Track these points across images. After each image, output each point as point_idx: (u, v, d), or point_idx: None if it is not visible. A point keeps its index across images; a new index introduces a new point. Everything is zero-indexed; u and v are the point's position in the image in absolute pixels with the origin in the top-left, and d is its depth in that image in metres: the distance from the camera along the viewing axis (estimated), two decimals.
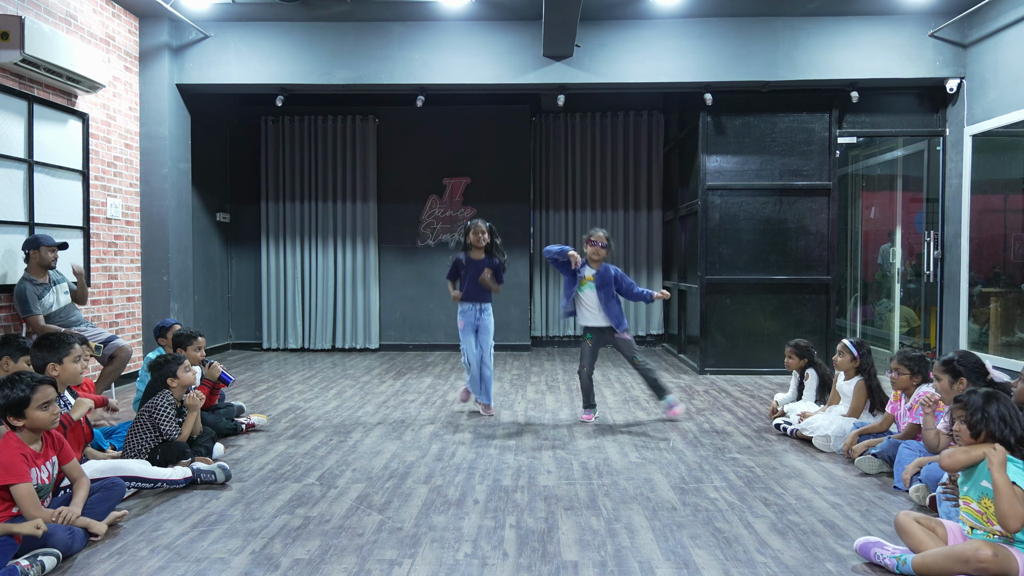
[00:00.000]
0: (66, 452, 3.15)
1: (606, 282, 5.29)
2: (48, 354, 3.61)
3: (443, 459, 4.30)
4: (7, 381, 3.00)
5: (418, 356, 8.86)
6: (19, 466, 2.89)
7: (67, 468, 3.15)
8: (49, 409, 3.01)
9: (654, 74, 7.15)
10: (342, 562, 2.84)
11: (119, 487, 3.30)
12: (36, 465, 2.99)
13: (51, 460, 3.08)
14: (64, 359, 3.63)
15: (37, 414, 2.97)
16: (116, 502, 3.26)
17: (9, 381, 3.00)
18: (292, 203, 9.30)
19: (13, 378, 3.02)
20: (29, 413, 2.96)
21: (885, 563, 2.75)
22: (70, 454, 3.17)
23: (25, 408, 2.96)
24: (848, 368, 4.66)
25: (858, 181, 9.62)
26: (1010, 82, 6.27)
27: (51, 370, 3.58)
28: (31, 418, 2.97)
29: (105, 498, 3.19)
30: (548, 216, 9.63)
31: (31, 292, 5.08)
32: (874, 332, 9.29)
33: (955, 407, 2.89)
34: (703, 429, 5.07)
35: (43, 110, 5.76)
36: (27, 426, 2.98)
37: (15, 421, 2.97)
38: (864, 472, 4.03)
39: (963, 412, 2.83)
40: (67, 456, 3.15)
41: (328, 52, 7.22)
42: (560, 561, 2.86)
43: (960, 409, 2.85)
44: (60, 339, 3.71)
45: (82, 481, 3.15)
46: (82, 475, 3.18)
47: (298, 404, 5.91)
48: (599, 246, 5.30)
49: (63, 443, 3.15)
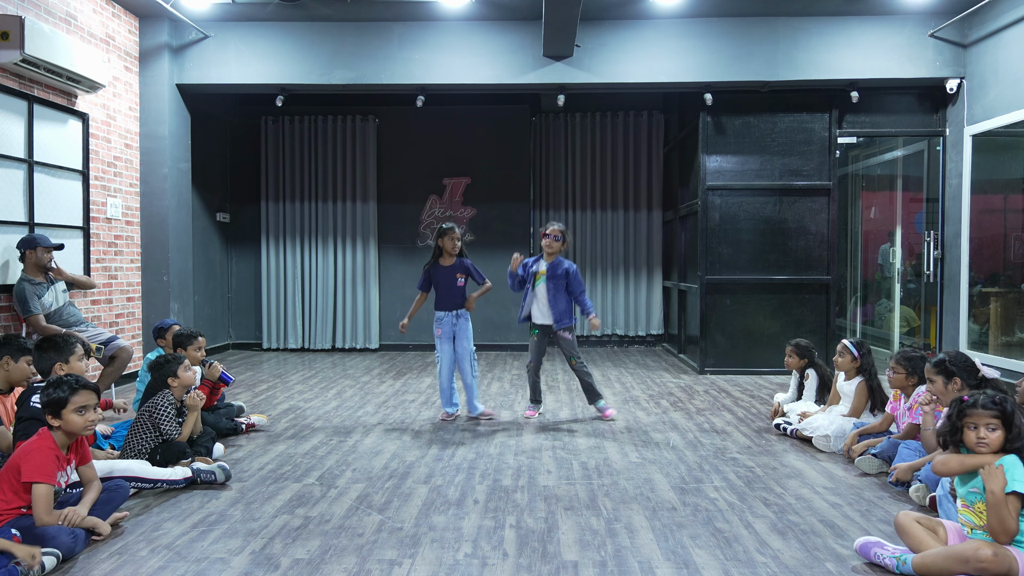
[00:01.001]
0: (84, 453, 3.17)
1: (556, 274, 5.27)
2: (55, 354, 3.63)
3: (443, 459, 4.30)
4: (54, 381, 3.06)
5: (418, 356, 8.86)
6: (49, 466, 2.92)
7: (82, 470, 3.17)
8: (84, 415, 3.04)
9: (654, 74, 7.15)
10: (342, 562, 2.84)
11: (123, 488, 3.31)
12: (62, 468, 3.02)
13: (71, 464, 3.10)
14: (70, 358, 3.66)
15: (72, 417, 3.00)
16: (120, 503, 3.27)
17: (55, 381, 3.05)
18: (292, 203, 9.30)
19: (59, 379, 3.07)
20: (65, 415, 2.99)
21: (885, 563, 2.75)
22: (88, 456, 3.20)
23: (62, 409, 2.99)
24: (849, 368, 4.66)
25: (858, 181, 9.62)
26: (1010, 82, 6.27)
27: (58, 370, 3.60)
28: (66, 420, 3.00)
29: (108, 499, 3.20)
30: (548, 216, 9.63)
31: (30, 292, 5.08)
32: (874, 332, 9.29)
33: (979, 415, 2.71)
34: (703, 429, 5.07)
35: (43, 110, 5.76)
36: (62, 428, 3.01)
37: (53, 421, 3.00)
38: (864, 472, 4.03)
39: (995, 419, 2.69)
40: (85, 458, 3.17)
41: (328, 52, 7.22)
42: (560, 561, 2.86)
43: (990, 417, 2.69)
44: (65, 338, 3.74)
45: (95, 484, 3.16)
46: (95, 478, 3.20)
47: (298, 404, 5.91)
48: (551, 239, 5.28)
49: (84, 446, 3.17)
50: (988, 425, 2.70)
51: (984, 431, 2.70)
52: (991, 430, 2.70)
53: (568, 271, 5.31)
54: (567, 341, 5.35)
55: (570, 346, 5.35)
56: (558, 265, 5.30)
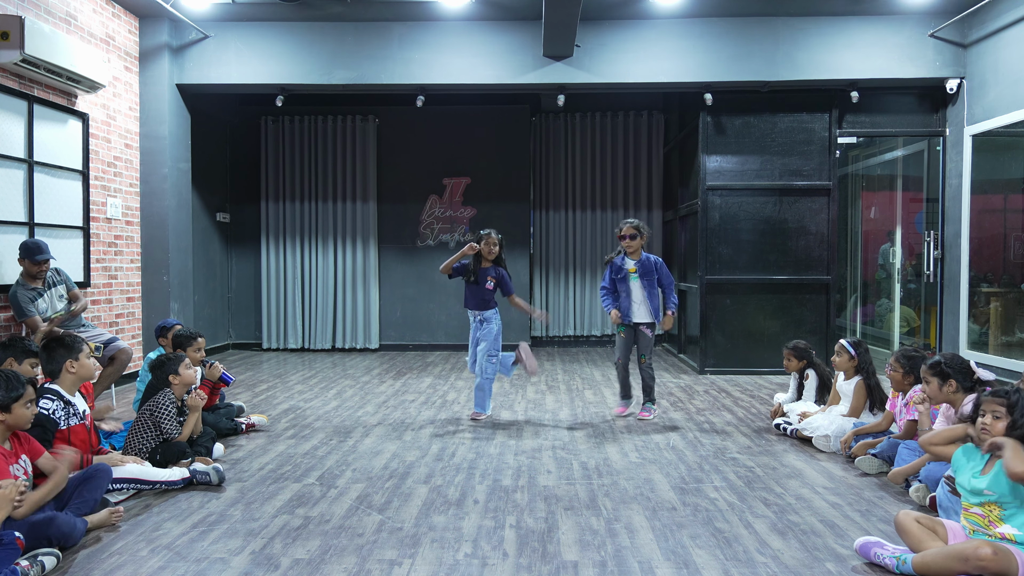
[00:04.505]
0: (34, 448, 3.13)
1: (647, 269, 5.29)
2: (66, 352, 3.63)
3: (443, 459, 4.30)
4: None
5: (418, 356, 8.86)
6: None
7: (40, 463, 3.12)
8: (31, 408, 3.05)
9: (654, 74, 7.15)
10: (342, 562, 2.84)
11: (104, 470, 3.28)
12: (12, 463, 2.98)
13: (22, 458, 3.06)
14: (80, 356, 3.66)
15: (22, 411, 2.99)
16: (105, 483, 3.25)
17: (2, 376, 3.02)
18: (292, 203, 9.30)
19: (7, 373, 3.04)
20: (16, 409, 2.97)
21: (885, 563, 2.75)
22: (39, 450, 3.15)
23: (13, 404, 2.96)
24: (847, 368, 4.66)
25: (858, 181, 9.62)
26: (1010, 82, 6.27)
27: (69, 367, 3.60)
28: (16, 414, 2.98)
29: (95, 487, 3.18)
30: (548, 216, 9.64)
31: (23, 296, 5.06)
32: (874, 332, 9.29)
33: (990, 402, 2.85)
34: (703, 429, 5.07)
35: (43, 110, 5.76)
36: (8, 422, 2.98)
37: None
38: (864, 472, 4.03)
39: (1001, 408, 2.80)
40: (36, 452, 3.13)
41: (328, 52, 7.23)
42: (560, 561, 2.86)
43: (998, 405, 2.81)
44: (73, 337, 3.75)
45: (58, 469, 3.11)
46: (56, 466, 3.14)
47: (298, 404, 5.91)
48: (628, 238, 5.31)
49: (30, 440, 3.14)
50: (994, 412, 2.82)
51: (989, 417, 2.82)
52: (995, 417, 2.81)
53: (657, 264, 5.34)
54: (647, 338, 5.35)
55: (648, 344, 5.36)
56: (647, 260, 5.32)
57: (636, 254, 5.35)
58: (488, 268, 5.31)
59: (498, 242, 5.32)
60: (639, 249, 5.35)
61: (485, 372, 5.32)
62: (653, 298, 5.32)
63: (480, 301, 5.30)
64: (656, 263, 5.34)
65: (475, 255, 5.32)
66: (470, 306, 5.35)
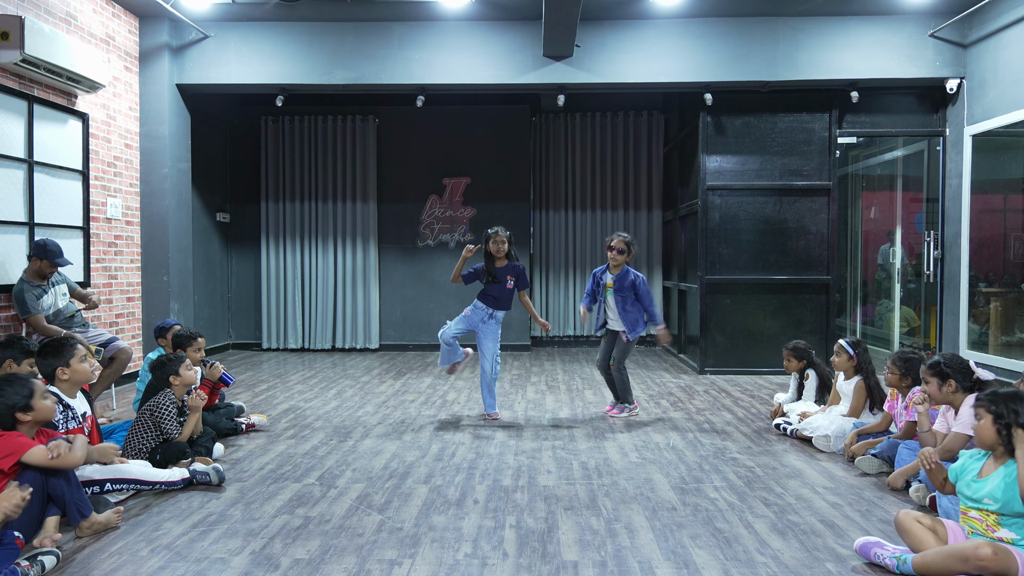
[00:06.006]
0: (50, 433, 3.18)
1: (623, 286, 5.31)
2: (54, 359, 3.53)
3: (443, 459, 4.30)
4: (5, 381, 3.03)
5: (418, 356, 8.86)
6: (19, 440, 2.91)
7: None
8: (49, 398, 3.10)
9: (654, 74, 7.15)
10: (342, 562, 2.84)
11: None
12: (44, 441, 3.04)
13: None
14: (71, 361, 3.56)
15: (43, 404, 3.04)
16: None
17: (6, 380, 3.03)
18: (292, 203, 9.30)
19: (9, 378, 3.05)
20: (36, 404, 3.01)
21: (885, 563, 2.75)
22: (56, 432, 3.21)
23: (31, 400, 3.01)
24: (846, 368, 4.66)
25: (858, 181, 9.62)
26: (1010, 82, 6.27)
27: (61, 374, 3.52)
28: (38, 408, 3.02)
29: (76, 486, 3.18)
30: (548, 216, 9.64)
31: (29, 293, 5.07)
32: (874, 332, 9.29)
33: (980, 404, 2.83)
34: (703, 429, 5.07)
35: (43, 110, 5.76)
36: (34, 418, 3.02)
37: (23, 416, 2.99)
38: (864, 472, 4.03)
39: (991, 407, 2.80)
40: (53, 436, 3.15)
41: (328, 52, 7.22)
42: (560, 561, 2.86)
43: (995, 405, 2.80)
44: (62, 342, 3.65)
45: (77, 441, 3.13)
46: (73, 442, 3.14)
47: (298, 404, 5.91)
48: (615, 251, 5.32)
49: (49, 433, 3.17)
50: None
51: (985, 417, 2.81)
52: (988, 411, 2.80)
53: (635, 283, 5.31)
54: (622, 343, 5.37)
55: (621, 348, 5.37)
56: (624, 277, 5.32)
57: (617, 269, 5.36)
58: (505, 266, 5.31)
59: (506, 239, 5.31)
60: (622, 265, 5.36)
61: (494, 372, 5.34)
62: (627, 313, 5.31)
63: (506, 300, 5.30)
64: (634, 281, 5.32)
65: (487, 256, 5.32)
66: (496, 306, 5.30)
